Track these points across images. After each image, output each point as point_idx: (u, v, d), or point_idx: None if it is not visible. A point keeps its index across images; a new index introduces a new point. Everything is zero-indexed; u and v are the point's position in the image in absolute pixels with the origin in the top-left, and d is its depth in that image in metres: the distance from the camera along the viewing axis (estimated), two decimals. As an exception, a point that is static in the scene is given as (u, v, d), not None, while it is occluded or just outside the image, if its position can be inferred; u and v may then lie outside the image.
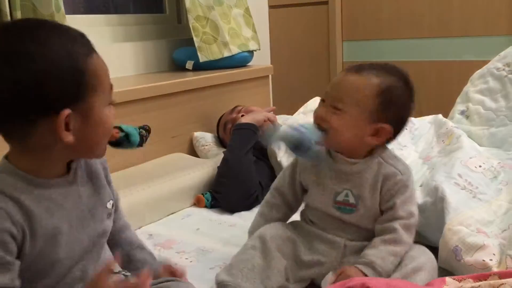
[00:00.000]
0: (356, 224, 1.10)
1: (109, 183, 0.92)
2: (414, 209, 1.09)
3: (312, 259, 1.11)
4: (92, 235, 0.84)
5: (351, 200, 1.09)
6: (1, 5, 1.54)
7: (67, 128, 0.75)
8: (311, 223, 1.16)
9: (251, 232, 1.19)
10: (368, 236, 1.10)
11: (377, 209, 1.09)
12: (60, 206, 0.80)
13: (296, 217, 1.23)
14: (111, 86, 0.82)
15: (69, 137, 0.75)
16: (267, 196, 1.23)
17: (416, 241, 1.14)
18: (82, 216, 0.83)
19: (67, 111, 0.73)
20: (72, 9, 2.27)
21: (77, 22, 2.05)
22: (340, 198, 1.10)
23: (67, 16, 1.75)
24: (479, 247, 1.03)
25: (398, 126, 1.08)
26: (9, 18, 1.55)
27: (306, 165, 1.14)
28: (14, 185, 0.75)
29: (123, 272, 0.94)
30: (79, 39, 0.78)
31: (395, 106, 1.05)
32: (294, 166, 1.18)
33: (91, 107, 0.77)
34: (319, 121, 1.06)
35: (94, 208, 0.86)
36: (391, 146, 1.13)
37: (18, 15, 1.58)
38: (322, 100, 1.09)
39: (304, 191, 1.18)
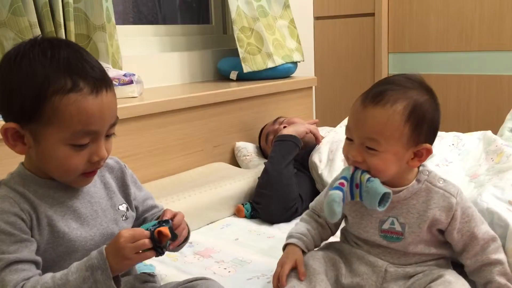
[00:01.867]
0: (403, 250, 1.07)
1: (126, 185, 0.97)
2: (489, 228, 1.06)
3: (351, 281, 1.08)
4: (104, 233, 0.91)
5: (397, 228, 1.05)
6: (55, 15, 1.61)
7: (20, 140, 0.83)
8: (355, 244, 1.13)
9: (288, 235, 1.16)
10: (415, 259, 1.07)
11: (427, 235, 1.05)
12: (63, 204, 0.87)
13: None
14: (88, 132, 0.81)
15: (17, 148, 0.84)
16: (308, 212, 1.21)
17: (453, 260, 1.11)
18: (95, 214, 0.90)
19: (12, 124, 0.82)
20: (122, 19, 2.34)
21: (127, 32, 2.12)
22: (385, 226, 1.06)
23: (117, 26, 1.80)
24: None
25: (433, 138, 1.04)
26: (63, 28, 1.62)
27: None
28: (21, 183, 0.85)
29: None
30: (76, 76, 0.80)
31: (426, 122, 1.01)
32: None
33: (42, 135, 0.82)
34: (358, 164, 1.01)
35: (107, 209, 0.93)
36: (438, 161, 1.09)
37: (71, 25, 1.64)
38: (349, 139, 1.04)
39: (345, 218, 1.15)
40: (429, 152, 1.02)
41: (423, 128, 1.00)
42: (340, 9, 2.85)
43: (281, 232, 1.53)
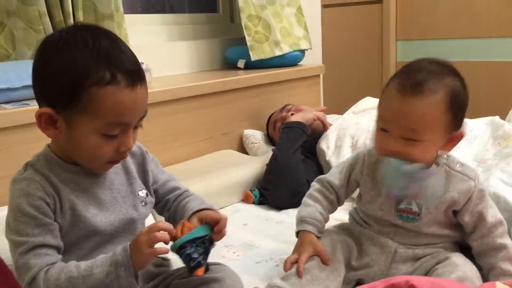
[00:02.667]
0: (416, 231, 1.08)
1: (146, 171, 1.00)
2: (498, 212, 1.08)
3: (361, 262, 1.10)
4: (123, 218, 0.93)
5: (414, 208, 1.07)
6: (64, 5, 1.62)
7: (53, 124, 0.85)
8: (365, 223, 1.14)
9: (300, 218, 1.16)
10: (426, 241, 1.08)
11: (442, 217, 1.07)
12: (85, 190, 0.90)
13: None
14: (120, 123, 0.84)
15: (48, 131, 0.85)
16: (318, 187, 1.19)
17: (462, 244, 1.12)
18: (114, 201, 0.93)
19: (47, 109, 0.83)
20: (130, 9, 2.36)
21: (135, 21, 2.13)
22: (402, 206, 1.08)
23: (125, 15, 1.82)
24: None
25: (462, 123, 1.05)
26: (71, 17, 1.64)
27: (367, 171, 1.12)
28: (46, 166, 0.88)
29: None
30: (115, 69, 0.81)
31: (462, 108, 1.02)
32: (355, 163, 1.16)
33: (75, 122, 0.84)
34: (396, 155, 1.00)
35: (126, 196, 0.95)
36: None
37: (80, 15, 1.66)
38: (383, 130, 1.02)
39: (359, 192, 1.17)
40: (462, 137, 1.04)
41: (460, 115, 1.02)
42: (348, -4, 2.84)
43: (289, 217, 1.55)
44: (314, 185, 1.21)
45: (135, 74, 0.84)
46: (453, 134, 1.03)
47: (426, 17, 2.65)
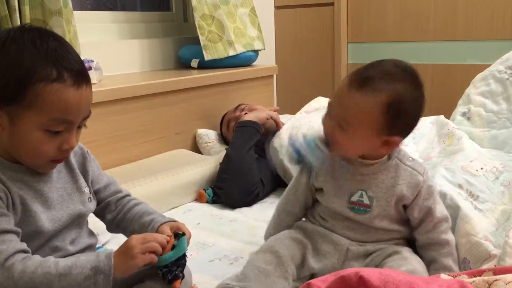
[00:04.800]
0: (367, 224, 1.10)
1: (86, 171, 1.00)
2: (444, 208, 1.12)
3: (316, 259, 1.12)
4: (72, 214, 0.94)
5: (365, 201, 1.09)
6: (10, -1, 1.56)
7: None
8: (321, 219, 1.16)
9: (267, 236, 1.20)
10: (377, 236, 1.11)
11: (393, 211, 1.09)
12: (32, 188, 0.89)
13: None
14: (64, 120, 0.85)
15: None
16: (283, 202, 1.23)
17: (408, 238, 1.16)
18: (61, 199, 0.93)
19: None
20: (80, 5, 2.30)
21: (84, 18, 2.08)
22: (354, 198, 1.10)
23: (74, 12, 1.77)
24: (486, 258, 1.04)
25: (407, 133, 1.07)
26: (17, 12, 1.58)
27: (322, 167, 1.14)
28: None
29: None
30: (61, 68, 0.83)
31: (405, 116, 1.03)
32: (308, 172, 1.18)
33: (19, 117, 0.84)
34: (327, 134, 1.07)
35: (73, 193, 0.96)
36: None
37: (27, 10, 1.60)
38: (328, 112, 1.08)
39: (316, 191, 1.18)
40: (396, 143, 1.06)
41: (399, 122, 1.02)
42: (301, -2, 2.89)
43: (242, 216, 1.56)
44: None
45: (81, 74, 0.86)
46: (388, 139, 1.03)
47: (375, 21, 2.72)
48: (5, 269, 0.78)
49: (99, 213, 1.06)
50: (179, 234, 0.92)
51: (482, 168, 1.32)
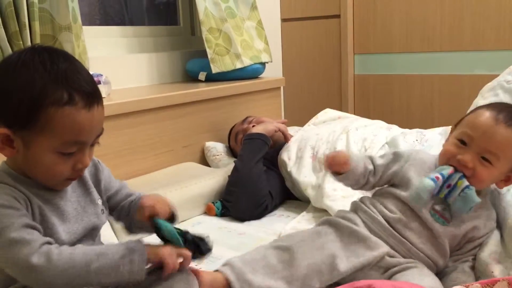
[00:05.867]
0: (435, 236, 1.11)
1: (98, 181, 1.01)
2: None
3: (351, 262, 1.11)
4: (87, 227, 0.95)
5: (447, 215, 1.12)
6: (20, 15, 1.58)
7: (9, 144, 0.85)
8: (386, 210, 1.15)
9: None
10: (431, 255, 1.12)
11: (461, 237, 1.13)
12: (49, 201, 0.90)
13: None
14: (76, 142, 0.86)
15: (4, 151, 0.86)
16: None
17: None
18: (75, 212, 0.94)
19: (4, 130, 0.84)
20: (88, 21, 2.32)
21: (94, 33, 2.11)
22: (438, 207, 1.12)
23: (83, 27, 1.79)
24: None
25: None
26: (27, 28, 1.60)
27: (415, 163, 1.18)
28: (10, 179, 0.87)
29: None
30: (72, 90, 0.84)
31: None
32: (408, 155, 1.22)
33: (32, 141, 0.85)
34: (463, 167, 1.09)
35: (86, 205, 0.96)
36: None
37: (36, 25, 1.62)
38: (462, 142, 1.11)
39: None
40: None
41: None
42: (307, 11, 2.90)
43: (251, 228, 1.55)
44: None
45: (92, 95, 0.86)
46: (510, 174, 1.12)
47: (382, 32, 2.73)
48: (41, 253, 0.79)
49: (116, 219, 1.07)
50: (154, 220, 0.95)
51: None
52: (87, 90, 0.86)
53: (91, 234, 0.97)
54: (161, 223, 0.95)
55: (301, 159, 1.75)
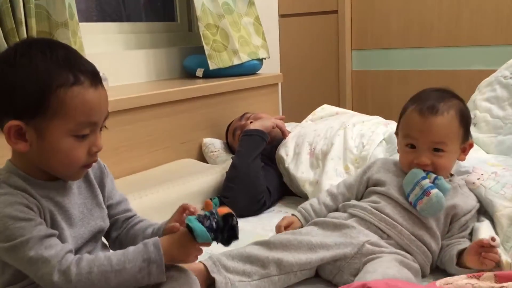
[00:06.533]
0: (423, 221, 1.18)
1: (103, 185, 1.00)
2: None
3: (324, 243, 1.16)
4: (93, 231, 0.95)
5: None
6: (16, 12, 1.58)
7: (22, 138, 0.84)
8: (371, 202, 1.23)
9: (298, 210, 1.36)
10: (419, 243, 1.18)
11: (444, 217, 1.21)
12: (57, 204, 0.89)
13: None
14: (89, 123, 0.86)
15: (18, 145, 0.84)
16: (333, 189, 1.38)
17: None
18: (82, 215, 0.93)
19: (15, 121, 0.83)
20: (85, 17, 2.32)
21: (90, 29, 2.10)
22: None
23: (80, 23, 1.78)
24: None
25: (469, 134, 1.26)
26: (24, 25, 1.59)
27: (383, 171, 1.29)
28: (18, 182, 0.86)
29: None
30: (76, 71, 0.84)
31: (469, 121, 1.25)
32: (369, 167, 1.34)
33: (46, 129, 0.84)
34: (424, 167, 1.19)
35: (93, 208, 0.96)
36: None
37: (33, 22, 1.62)
38: (411, 146, 1.22)
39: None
40: (471, 146, 1.27)
41: (468, 126, 1.24)
42: (304, 6, 2.89)
43: (249, 225, 1.56)
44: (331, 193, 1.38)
45: (95, 75, 0.88)
46: (465, 145, 1.24)
47: (380, 28, 2.73)
48: (61, 273, 0.80)
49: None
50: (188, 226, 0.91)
51: (478, 179, 1.31)
52: (90, 70, 0.87)
53: (95, 237, 0.96)
54: (194, 225, 0.90)
55: (298, 155, 1.75)
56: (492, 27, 2.42)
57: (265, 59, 2.54)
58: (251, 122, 1.91)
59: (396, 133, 1.31)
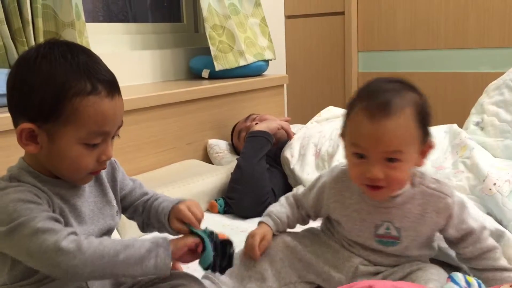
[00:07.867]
0: (398, 254, 1.07)
1: (115, 180, 1.00)
2: (476, 215, 1.14)
3: (321, 269, 1.10)
4: (102, 228, 0.94)
5: (393, 232, 1.05)
6: (23, 12, 1.58)
7: (33, 140, 0.84)
8: (349, 246, 1.11)
9: (268, 211, 1.20)
10: (403, 261, 1.07)
11: (423, 238, 1.06)
12: (67, 201, 0.89)
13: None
14: (101, 132, 0.86)
15: (29, 147, 0.85)
16: (290, 199, 1.22)
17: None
18: (92, 213, 0.93)
19: (28, 124, 0.83)
20: (92, 17, 2.32)
21: (96, 30, 2.10)
22: (381, 231, 1.05)
23: (86, 24, 1.79)
24: None
25: (429, 134, 1.02)
26: (31, 25, 1.60)
27: (336, 198, 1.10)
28: (30, 178, 0.86)
29: None
30: (95, 80, 0.83)
31: (428, 119, 1.00)
32: (321, 193, 1.14)
33: (57, 134, 0.84)
34: (375, 182, 0.97)
35: (103, 207, 0.96)
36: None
37: (40, 22, 1.62)
38: (360, 156, 0.98)
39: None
40: (431, 147, 1.02)
41: (427, 125, 1.00)
42: (311, 8, 2.89)
43: (254, 226, 1.53)
44: (289, 197, 1.23)
45: (113, 84, 0.87)
46: (426, 147, 1.01)
47: (386, 29, 2.72)
48: (71, 240, 0.78)
49: (132, 218, 1.07)
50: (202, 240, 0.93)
51: (494, 184, 1.30)
52: (108, 79, 0.86)
53: (105, 235, 0.96)
54: (208, 247, 0.92)
55: (304, 157, 1.74)
56: (500, 29, 2.40)
57: (271, 60, 2.54)
58: (256, 124, 1.91)
59: (342, 134, 1.05)
